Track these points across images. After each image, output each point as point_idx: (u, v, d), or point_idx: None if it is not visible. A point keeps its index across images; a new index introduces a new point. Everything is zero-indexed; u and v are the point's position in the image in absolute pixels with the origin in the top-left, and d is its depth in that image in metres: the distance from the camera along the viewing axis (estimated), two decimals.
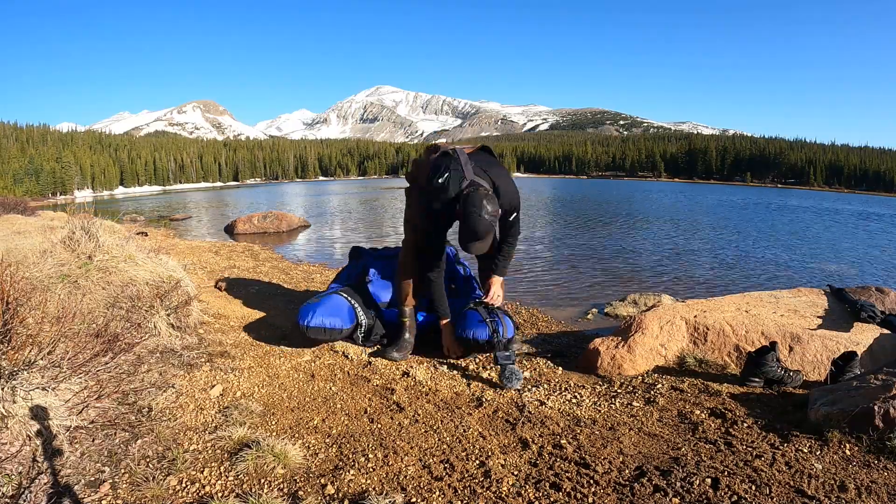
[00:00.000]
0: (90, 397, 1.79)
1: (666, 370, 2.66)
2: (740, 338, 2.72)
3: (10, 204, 10.80)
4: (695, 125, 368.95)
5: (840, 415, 1.84)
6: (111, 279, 2.86)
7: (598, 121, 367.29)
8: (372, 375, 2.57)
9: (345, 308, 2.90)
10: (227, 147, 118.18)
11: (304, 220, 12.04)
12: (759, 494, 1.48)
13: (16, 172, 57.35)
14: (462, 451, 1.80)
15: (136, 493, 1.48)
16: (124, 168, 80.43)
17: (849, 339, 2.65)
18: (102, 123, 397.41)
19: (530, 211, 17.33)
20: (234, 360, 2.63)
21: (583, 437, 1.91)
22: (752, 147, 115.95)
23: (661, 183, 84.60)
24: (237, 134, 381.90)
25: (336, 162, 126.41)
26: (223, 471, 1.62)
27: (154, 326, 2.63)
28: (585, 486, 1.57)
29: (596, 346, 2.80)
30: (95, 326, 2.24)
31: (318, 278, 5.27)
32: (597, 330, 3.77)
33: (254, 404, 2.14)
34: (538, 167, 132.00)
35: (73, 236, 3.28)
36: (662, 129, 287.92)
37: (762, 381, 2.40)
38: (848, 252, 9.59)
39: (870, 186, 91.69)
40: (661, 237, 10.77)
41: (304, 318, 2.75)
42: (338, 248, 8.83)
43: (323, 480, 1.60)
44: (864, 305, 2.99)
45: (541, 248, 8.79)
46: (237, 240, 9.39)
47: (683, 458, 1.72)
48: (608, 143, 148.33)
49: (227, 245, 7.83)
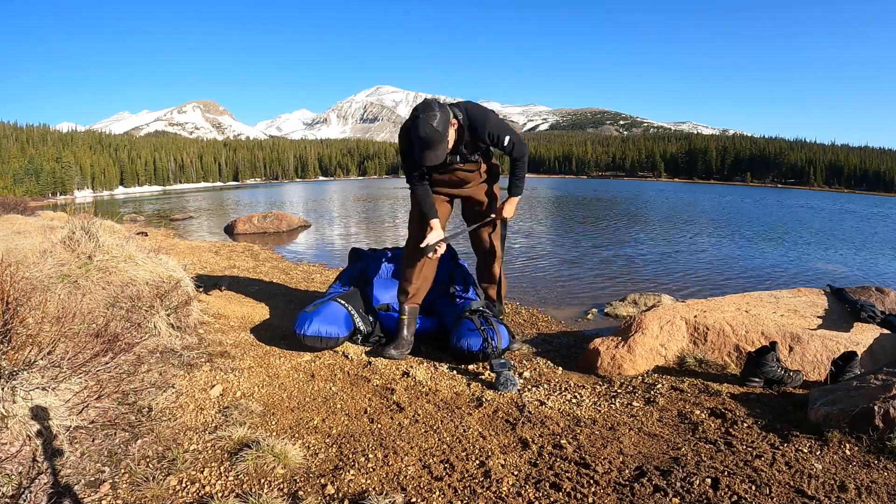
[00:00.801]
0: (90, 397, 1.79)
1: (666, 370, 2.66)
2: (740, 338, 2.72)
3: (10, 204, 10.80)
4: (695, 125, 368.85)
5: (840, 415, 1.84)
6: (111, 279, 2.86)
7: (598, 121, 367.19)
8: (372, 375, 2.57)
9: (342, 315, 2.88)
10: (227, 147, 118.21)
11: (304, 220, 12.04)
12: (759, 494, 1.48)
13: (16, 172, 57.36)
14: (462, 451, 1.80)
15: (136, 493, 1.48)
16: (124, 168, 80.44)
17: (849, 339, 2.65)
18: (102, 123, 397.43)
19: (530, 211, 17.33)
20: (234, 360, 2.63)
21: (583, 437, 1.91)
22: (752, 147, 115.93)
23: (662, 183, 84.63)
24: (237, 134, 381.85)
25: (336, 162, 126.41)
26: (223, 471, 1.62)
27: (154, 326, 2.63)
28: (585, 486, 1.57)
29: (596, 346, 2.80)
30: (95, 326, 2.24)
31: (318, 278, 5.27)
32: (597, 330, 3.77)
33: (254, 404, 2.14)
34: (538, 167, 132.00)
35: (73, 236, 3.28)
36: (662, 129, 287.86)
37: (762, 381, 2.40)
38: (848, 252, 9.59)
39: (870, 186, 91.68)
40: (661, 237, 10.77)
41: (301, 326, 2.74)
42: (338, 248, 8.83)
43: (323, 480, 1.60)
44: (864, 305, 2.99)
45: (541, 248, 8.79)
46: (237, 240, 9.39)
47: (683, 458, 1.72)
48: (608, 143, 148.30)
49: (227, 245, 7.83)
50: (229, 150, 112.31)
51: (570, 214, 16.95)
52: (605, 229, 12.26)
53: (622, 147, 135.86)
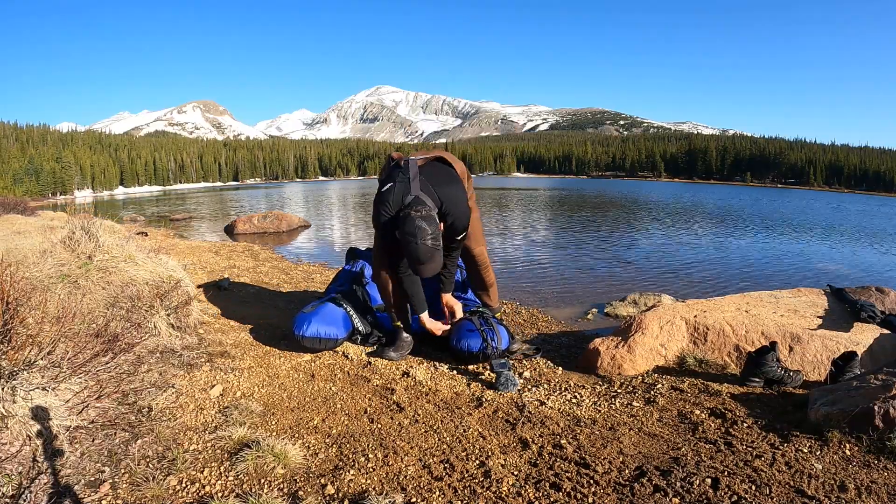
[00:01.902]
0: (90, 397, 1.79)
1: (666, 370, 2.66)
2: (740, 338, 2.72)
3: (10, 204, 10.80)
4: (695, 125, 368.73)
5: (840, 415, 1.84)
6: (111, 279, 2.86)
7: (598, 121, 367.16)
8: (372, 375, 2.57)
9: (340, 316, 2.88)
10: (227, 147, 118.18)
11: (304, 220, 12.04)
12: (759, 494, 1.48)
13: (16, 172, 57.35)
14: (462, 451, 1.80)
15: (136, 493, 1.48)
16: (124, 168, 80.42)
17: (849, 339, 2.65)
18: (102, 123, 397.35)
19: (531, 211, 17.33)
20: (234, 360, 2.63)
21: (583, 437, 1.91)
22: (752, 147, 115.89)
23: (662, 183, 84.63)
24: (237, 134, 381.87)
25: (336, 162, 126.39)
26: (223, 471, 1.62)
27: (154, 326, 2.63)
28: (585, 486, 1.57)
29: (596, 346, 2.80)
30: (95, 326, 2.24)
31: (318, 278, 5.27)
32: (597, 330, 3.77)
33: (254, 404, 2.14)
34: (538, 167, 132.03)
35: (73, 236, 3.28)
36: (662, 129, 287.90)
37: (762, 381, 2.40)
38: (848, 251, 9.59)
39: (870, 186, 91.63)
40: (661, 237, 10.77)
41: (300, 327, 2.73)
42: (338, 248, 8.83)
43: (323, 480, 1.60)
44: (864, 305, 2.99)
45: (541, 248, 8.79)
46: (237, 240, 9.39)
47: (683, 458, 1.72)
48: (608, 143, 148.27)
49: (227, 245, 7.83)
50: (229, 150, 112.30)
51: (571, 214, 16.95)
52: (605, 229, 12.26)
53: (622, 147, 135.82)
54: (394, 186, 2.43)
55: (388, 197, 2.42)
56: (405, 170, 2.49)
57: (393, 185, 2.43)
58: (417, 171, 2.49)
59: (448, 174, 2.60)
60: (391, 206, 2.42)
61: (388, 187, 2.44)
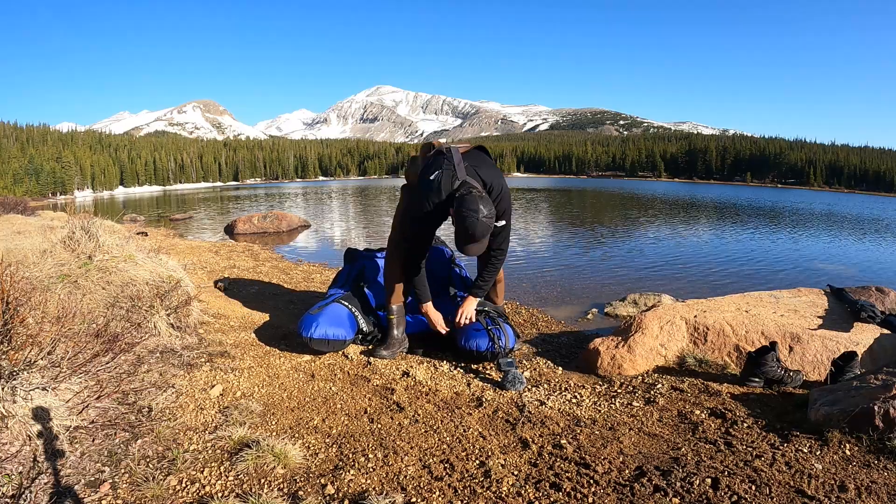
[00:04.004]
0: (90, 397, 1.79)
1: (666, 370, 2.66)
2: (740, 338, 2.72)
3: (10, 204, 10.80)
4: (695, 125, 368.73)
5: (840, 415, 1.84)
6: (111, 279, 2.86)
7: (598, 121, 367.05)
8: (372, 375, 2.57)
9: (346, 317, 2.88)
10: (227, 147, 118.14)
11: (304, 220, 12.04)
12: (759, 494, 1.48)
13: (16, 172, 57.35)
14: (462, 451, 1.80)
15: (136, 493, 1.48)
16: (124, 168, 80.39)
17: (849, 339, 2.65)
18: (102, 123, 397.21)
19: (531, 211, 17.33)
20: (234, 360, 2.63)
21: (583, 437, 1.91)
22: (752, 147, 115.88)
23: (662, 183, 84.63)
24: (237, 134, 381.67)
25: (336, 162, 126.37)
26: (223, 471, 1.62)
27: (154, 326, 2.63)
28: (585, 486, 1.57)
29: (596, 346, 2.80)
30: (95, 326, 2.24)
31: (318, 278, 5.27)
32: (597, 330, 3.77)
33: (254, 404, 2.14)
34: (538, 167, 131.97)
35: (73, 236, 3.28)
36: (662, 129, 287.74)
37: (762, 381, 2.40)
38: (848, 252, 9.59)
39: (870, 187, 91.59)
40: (661, 237, 10.77)
41: (308, 329, 2.70)
42: (338, 248, 8.83)
43: (323, 480, 1.60)
44: (864, 305, 2.99)
45: (541, 248, 8.79)
46: (237, 240, 9.39)
47: (683, 458, 1.72)
48: (608, 143, 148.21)
49: (227, 245, 7.83)
50: (229, 150, 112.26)
51: (570, 214, 16.95)
52: (605, 229, 12.26)
53: (622, 147, 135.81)
54: (442, 173, 2.45)
55: (437, 183, 2.44)
56: (449, 157, 2.53)
57: (441, 172, 2.45)
58: (461, 157, 2.53)
59: (489, 161, 2.65)
60: (441, 192, 2.44)
61: (435, 174, 2.46)
